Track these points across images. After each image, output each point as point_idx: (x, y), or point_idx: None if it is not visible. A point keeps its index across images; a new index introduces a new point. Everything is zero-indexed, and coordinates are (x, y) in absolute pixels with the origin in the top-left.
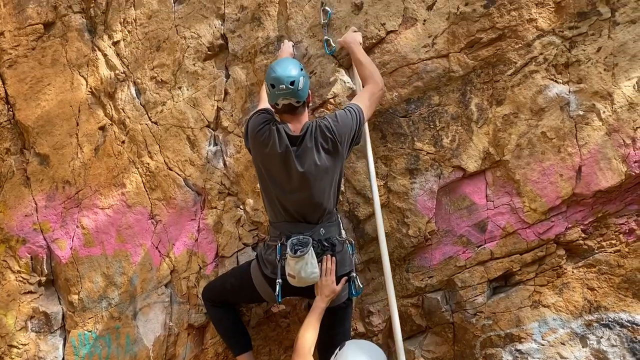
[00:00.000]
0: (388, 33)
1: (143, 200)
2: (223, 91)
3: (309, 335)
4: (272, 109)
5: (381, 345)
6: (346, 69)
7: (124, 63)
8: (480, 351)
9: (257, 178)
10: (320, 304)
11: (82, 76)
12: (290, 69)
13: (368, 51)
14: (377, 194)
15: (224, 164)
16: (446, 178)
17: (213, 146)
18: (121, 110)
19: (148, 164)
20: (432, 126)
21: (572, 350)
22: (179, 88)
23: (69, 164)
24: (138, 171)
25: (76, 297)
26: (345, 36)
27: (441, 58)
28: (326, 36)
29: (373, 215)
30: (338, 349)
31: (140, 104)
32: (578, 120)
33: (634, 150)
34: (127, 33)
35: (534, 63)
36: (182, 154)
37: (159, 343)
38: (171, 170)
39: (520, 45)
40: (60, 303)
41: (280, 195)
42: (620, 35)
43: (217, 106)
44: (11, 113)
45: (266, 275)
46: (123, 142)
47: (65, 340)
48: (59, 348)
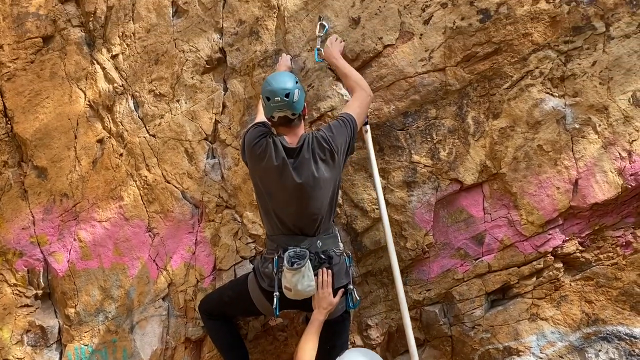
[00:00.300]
0: (385, 47)
1: (140, 213)
2: (221, 104)
3: (308, 348)
4: (269, 122)
5: None
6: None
7: (123, 76)
8: None
9: (254, 191)
10: (318, 317)
11: (81, 89)
12: (285, 82)
13: (365, 65)
14: (384, 203)
15: (222, 177)
16: (443, 191)
17: (211, 159)
18: (119, 123)
19: (146, 177)
20: (429, 139)
21: None
22: (177, 101)
23: (67, 177)
24: (136, 184)
25: (73, 311)
26: (325, 51)
27: (438, 72)
28: (318, 46)
29: (371, 228)
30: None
31: (138, 117)
32: (574, 133)
33: (630, 163)
34: (126, 46)
35: (530, 77)
36: (180, 167)
37: (156, 357)
38: (169, 183)
39: (516, 59)
40: (56, 316)
41: (277, 208)
42: (614, 49)
43: (215, 119)
44: (9, 126)
45: (263, 288)
46: (121, 155)
47: (61, 354)
48: None
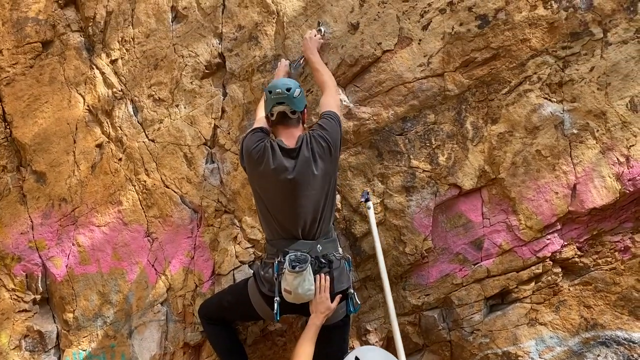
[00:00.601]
0: (384, 52)
1: (139, 217)
2: (220, 109)
3: (304, 353)
4: (267, 128)
5: None
6: (343, 87)
7: (122, 81)
8: None
9: (253, 196)
10: (315, 322)
11: (80, 94)
12: (288, 81)
13: (364, 70)
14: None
15: (221, 182)
16: (442, 196)
17: (210, 164)
18: (118, 127)
19: (145, 182)
20: (428, 144)
21: None
22: (177, 106)
23: (66, 182)
24: (135, 189)
25: (71, 316)
26: (304, 43)
27: (436, 77)
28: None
29: (370, 233)
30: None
31: (137, 122)
32: (572, 138)
33: (628, 168)
34: (125, 51)
35: (528, 82)
36: (179, 172)
37: None
38: (168, 187)
39: (514, 64)
40: (54, 321)
41: (276, 211)
42: (612, 55)
43: (214, 124)
44: (8, 130)
45: (264, 293)
46: (120, 160)
47: (59, 359)
48: None
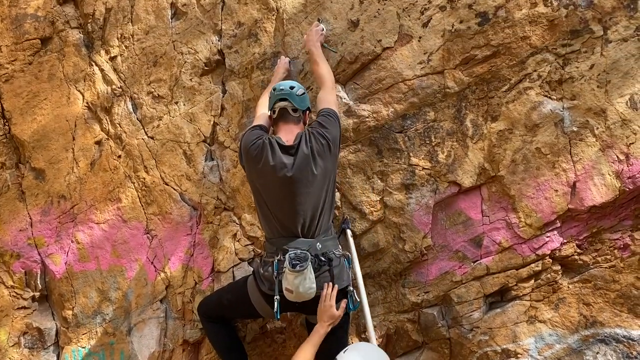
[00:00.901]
0: (384, 49)
1: (139, 215)
2: (220, 106)
3: (304, 357)
4: (266, 125)
5: None
6: (342, 85)
7: (121, 78)
8: None
9: (253, 195)
10: (319, 330)
11: (79, 91)
12: (293, 82)
13: (364, 67)
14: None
15: (220, 179)
16: (442, 193)
17: (209, 161)
18: (117, 124)
19: (144, 179)
20: (428, 142)
21: None
22: (176, 103)
23: (65, 179)
24: (134, 186)
25: (70, 313)
26: (307, 38)
27: (436, 74)
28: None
29: (369, 230)
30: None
31: (136, 119)
32: (572, 136)
33: (628, 166)
34: (125, 48)
35: (528, 80)
36: (179, 169)
37: (154, 359)
38: (167, 185)
39: (514, 62)
40: (54, 319)
41: (276, 209)
42: (612, 52)
43: (214, 121)
44: (7, 127)
45: (263, 291)
46: (119, 157)
47: (58, 356)
48: None
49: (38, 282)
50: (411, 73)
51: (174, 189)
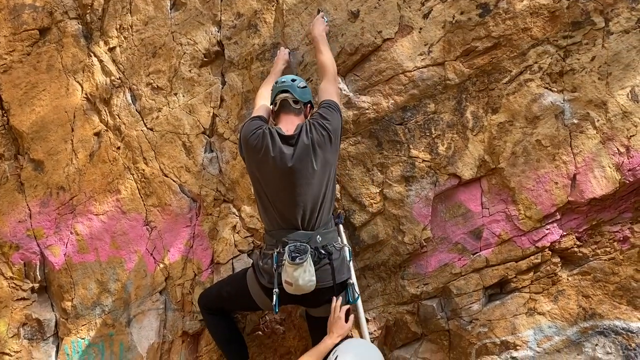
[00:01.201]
0: (384, 41)
1: (138, 206)
2: (219, 98)
3: None
4: (266, 116)
5: None
6: (342, 77)
7: (120, 69)
8: (475, 359)
9: (252, 186)
10: (327, 341)
11: (78, 82)
12: (295, 76)
13: (364, 59)
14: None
15: (220, 171)
16: (442, 185)
17: (209, 153)
18: (116, 116)
19: (143, 170)
20: (428, 134)
21: (568, 357)
22: (175, 94)
23: (64, 170)
24: (133, 177)
25: (69, 304)
26: (312, 26)
27: (437, 66)
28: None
29: (369, 222)
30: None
31: (135, 110)
32: (572, 128)
33: (628, 158)
34: (123, 39)
35: (529, 71)
36: (178, 161)
37: (153, 350)
38: (166, 176)
39: (515, 53)
40: (53, 310)
41: (275, 199)
42: (614, 44)
43: (213, 113)
44: (5, 118)
45: (263, 284)
46: (118, 148)
47: (58, 347)
48: (52, 356)
49: (37, 274)
50: (411, 64)
51: (173, 181)
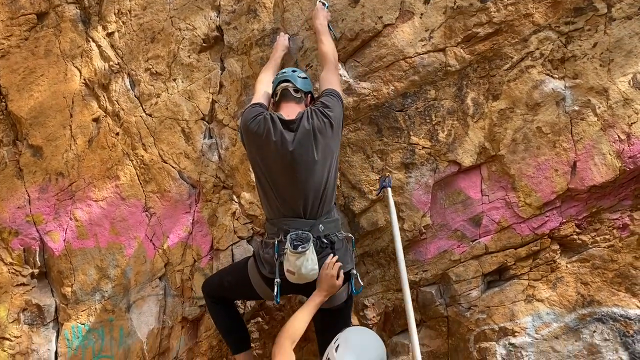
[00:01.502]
0: (385, 26)
1: (137, 192)
2: (218, 84)
3: (296, 321)
4: (266, 102)
5: None
6: (343, 62)
7: (119, 54)
8: (474, 345)
9: (253, 173)
10: (316, 298)
11: (76, 67)
12: (297, 68)
13: (364, 44)
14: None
15: (219, 157)
16: (442, 172)
17: (208, 139)
18: (115, 102)
19: (142, 157)
20: (428, 120)
21: (566, 344)
22: (174, 80)
23: (63, 156)
24: (132, 163)
25: (69, 290)
26: (314, 14)
27: (438, 52)
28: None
29: (368, 209)
30: (337, 337)
31: (134, 96)
32: (573, 115)
33: (629, 146)
34: (122, 24)
35: (530, 58)
36: (177, 147)
37: (153, 336)
38: (166, 162)
39: (516, 40)
40: (53, 295)
41: (277, 186)
42: (616, 31)
43: (212, 99)
44: (4, 104)
45: (264, 275)
46: (117, 134)
47: (58, 332)
48: (52, 341)
49: (37, 259)
50: (412, 50)
51: (173, 167)
